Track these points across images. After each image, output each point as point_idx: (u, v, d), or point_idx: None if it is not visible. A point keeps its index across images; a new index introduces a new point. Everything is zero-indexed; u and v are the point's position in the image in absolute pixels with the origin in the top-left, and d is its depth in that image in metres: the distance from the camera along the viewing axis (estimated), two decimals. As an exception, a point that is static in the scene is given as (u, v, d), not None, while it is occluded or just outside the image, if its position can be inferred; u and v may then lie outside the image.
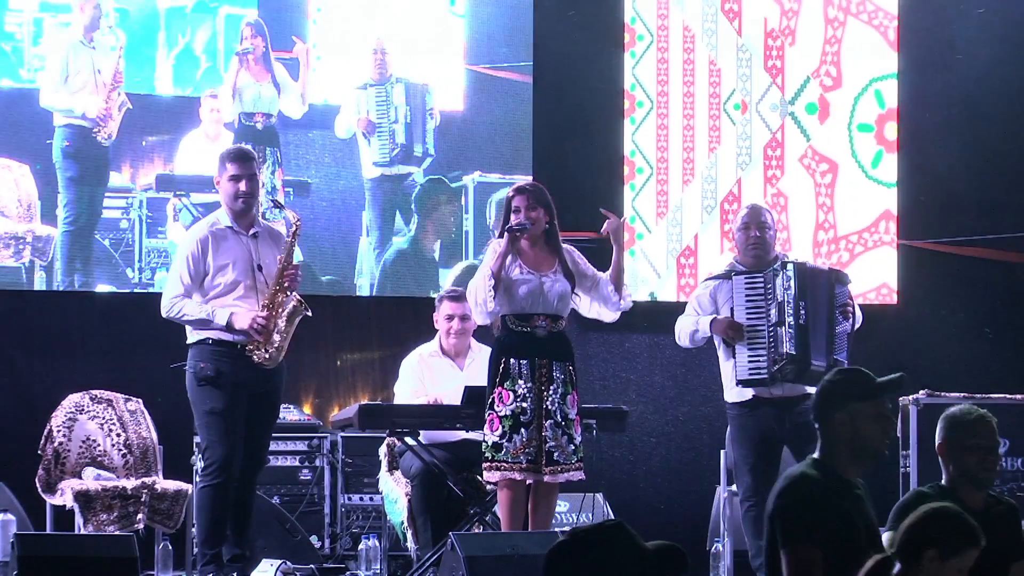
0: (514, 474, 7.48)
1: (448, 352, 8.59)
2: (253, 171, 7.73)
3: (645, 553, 3.76)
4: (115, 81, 9.56)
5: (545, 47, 10.22)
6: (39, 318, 9.47)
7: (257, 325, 7.52)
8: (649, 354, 10.35)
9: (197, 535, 7.61)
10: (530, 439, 7.48)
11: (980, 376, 9.84)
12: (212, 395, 7.55)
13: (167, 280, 7.85)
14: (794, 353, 7.85)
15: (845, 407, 5.03)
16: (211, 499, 7.55)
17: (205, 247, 7.62)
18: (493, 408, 7.52)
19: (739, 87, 10.49)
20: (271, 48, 9.85)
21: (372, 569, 8.29)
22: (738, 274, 8.05)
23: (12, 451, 8.82)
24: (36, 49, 9.53)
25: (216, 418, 7.54)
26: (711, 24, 10.47)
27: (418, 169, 10.09)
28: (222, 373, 7.54)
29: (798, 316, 7.87)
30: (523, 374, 7.51)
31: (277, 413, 7.91)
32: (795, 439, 7.90)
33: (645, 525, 9.31)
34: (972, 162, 10.68)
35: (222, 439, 7.53)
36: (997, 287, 10.61)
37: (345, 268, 9.98)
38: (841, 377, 5.18)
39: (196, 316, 7.57)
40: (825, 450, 5.06)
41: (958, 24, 10.68)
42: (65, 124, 9.51)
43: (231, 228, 7.68)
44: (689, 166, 10.44)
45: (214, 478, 7.54)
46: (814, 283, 7.99)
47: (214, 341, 7.58)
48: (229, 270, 7.62)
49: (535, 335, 7.57)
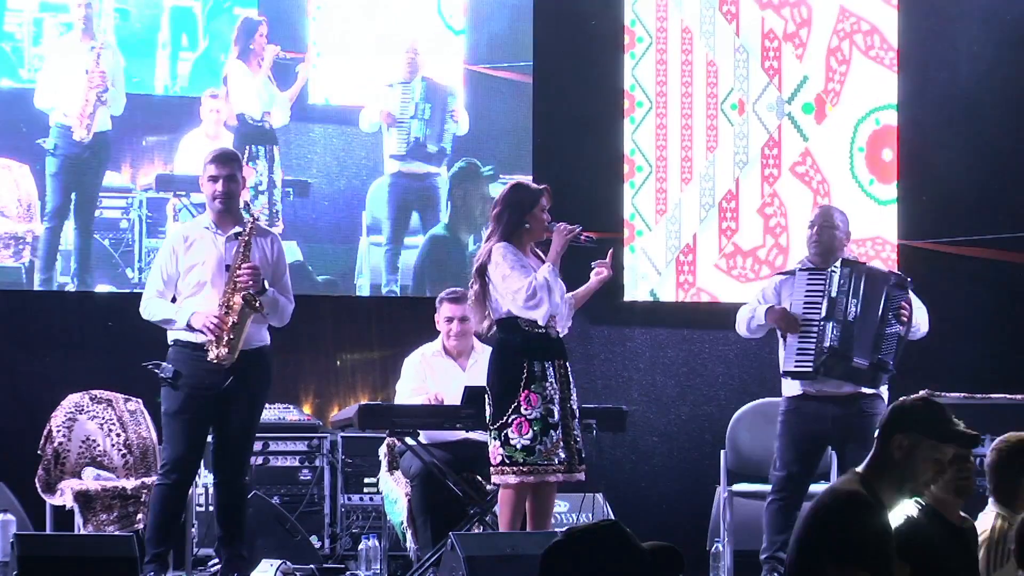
0: (549, 476, 7.49)
1: (451, 352, 8.59)
2: (232, 172, 7.71)
3: (641, 553, 3.76)
4: (100, 80, 9.55)
5: (545, 47, 10.22)
6: (39, 318, 9.47)
7: (210, 324, 7.53)
8: (651, 353, 10.34)
9: (147, 531, 7.64)
10: (559, 440, 7.50)
11: (980, 376, 9.83)
12: (169, 396, 7.62)
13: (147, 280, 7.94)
14: (836, 347, 7.97)
15: (910, 432, 4.87)
16: (161, 497, 7.60)
17: (178, 248, 7.68)
18: (520, 412, 7.47)
19: (736, 87, 10.49)
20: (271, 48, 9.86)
21: (372, 569, 8.29)
22: (803, 270, 8.21)
23: (12, 451, 8.82)
24: (36, 49, 9.54)
25: (171, 419, 7.61)
26: (709, 26, 10.48)
27: (439, 168, 10.10)
28: (180, 375, 7.58)
29: (846, 312, 8.02)
30: (549, 376, 7.51)
31: (254, 412, 7.81)
32: (840, 440, 8.01)
33: (645, 525, 9.30)
34: (972, 162, 10.68)
35: (175, 440, 7.58)
36: (997, 287, 10.60)
37: (345, 268, 9.98)
38: (922, 405, 5.01)
39: (161, 316, 7.67)
40: (872, 465, 4.90)
41: (958, 24, 10.67)
42: (55, 124, 9.52)
43: (208, 228, 7.69)
44: (687, 165, 10.44)
45: (164, 477, 7.61)
46: (870, 283, 8.10)
47: (179, 342, 7.64)
48: (197, 270, 7.64)
49: (550, 336, 7.58)
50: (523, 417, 7.47)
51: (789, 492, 8.02)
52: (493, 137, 10.22)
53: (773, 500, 8.06)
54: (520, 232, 7.58)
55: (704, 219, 10.45)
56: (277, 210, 9.85)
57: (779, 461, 8.09)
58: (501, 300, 7.53)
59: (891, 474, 4.85)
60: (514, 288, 7.47)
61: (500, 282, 7.52)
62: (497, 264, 7.51)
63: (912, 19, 10.67)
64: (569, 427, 7.54)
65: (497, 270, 7.51)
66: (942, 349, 10.32)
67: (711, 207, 10.45)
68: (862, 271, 8.17)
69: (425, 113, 10.08)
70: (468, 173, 10.16)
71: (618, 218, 10.29)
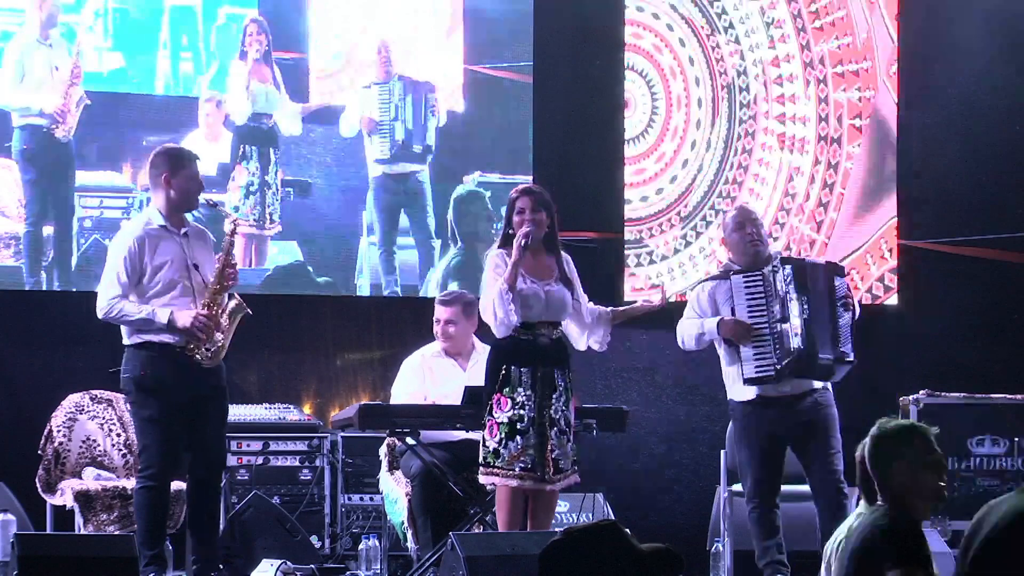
0: (510, 481, 7.48)
1: (450, 353, 8.60)
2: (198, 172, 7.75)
3: (639, 554, 3.76)
4: (73, 77, 9.53)
5: (545, 47, 10.22)
6: (39, 318, 9.47)
7: (199, 323, 7.49)
8: (650, 353, 10.34)
9: (137, 535, 7.56)
10: (525, 447, 7.47)
11: (980, 376, 9.84)
12: (150, 402, 7.51)
13: (102, 280, 7.71)
14: (803, 348, 7.83)
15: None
16: (148, 500, 7.52)
17: (142, 246, 7.56)
18: (492, 414, 7.51)
19: (736, 87, 10.49)
20: (272, 48, 9.85)
21: (372, 569, 8.29)
22: (735, 273, 8.01)
23: (12, 451, 8.82)
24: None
25: (154, 425, 7.50)
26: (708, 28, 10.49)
27: (422, 167, 10.09)
28: (161, 380, 7.50)
29: (802, 311, 7.86)
30: (524, 382, 7.49)
31: (226, 413, 7.80)
32: (803, 438, 7.91)
33: (645, 525, 9.36)
34: (972, 162, 10.68)
35: (159, 445, 7.50)
36: (997, 287, 10.60)
37: (345, 268, 9.98)
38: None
39: (136, 316, 7.50)
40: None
41: (958, 24, 10.67)
42: (23, 125, 9.45)
43: (164, 227, 7.63)
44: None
45: (150, 480, 7.52)
46: (814, 277, 7.97)
47: (153, 344, 7.52)
48: (166, 269, 7.57)
49: (537, 343, 7.56)
50: (494, 419, 7.50)
51: (762, 498, 7.95)
52: (493, 137, 10.22)
53: (752, 509, 7.97)
54: (512, 237, 7.60)
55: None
56: (271, 212, 9.84)
57: (747, 467, 7.97)
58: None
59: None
60: (483, 302, 7.61)
61: (482, 291, 7.67)
62: (485, 272, 7.66)
63: (912, 19, 10.67)
64: (545, 435, 7.49)
65: (483, 279, 7.67)
66: (942, 349, 10.34)
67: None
68: (803, 267, 7.99)
69: (405, 112, 10.05)
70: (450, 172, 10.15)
71: (618, 218, 10.29)
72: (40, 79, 9.49)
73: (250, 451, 9.06)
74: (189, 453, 7.68)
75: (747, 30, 10.49)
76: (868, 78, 10.58)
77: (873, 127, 10.57)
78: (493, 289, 7.49)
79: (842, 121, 10.55)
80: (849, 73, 10.56)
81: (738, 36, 10.48)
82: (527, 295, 7.50)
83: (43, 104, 9.49)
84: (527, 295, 7.50)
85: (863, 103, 10.57)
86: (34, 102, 9.49)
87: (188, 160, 7.72)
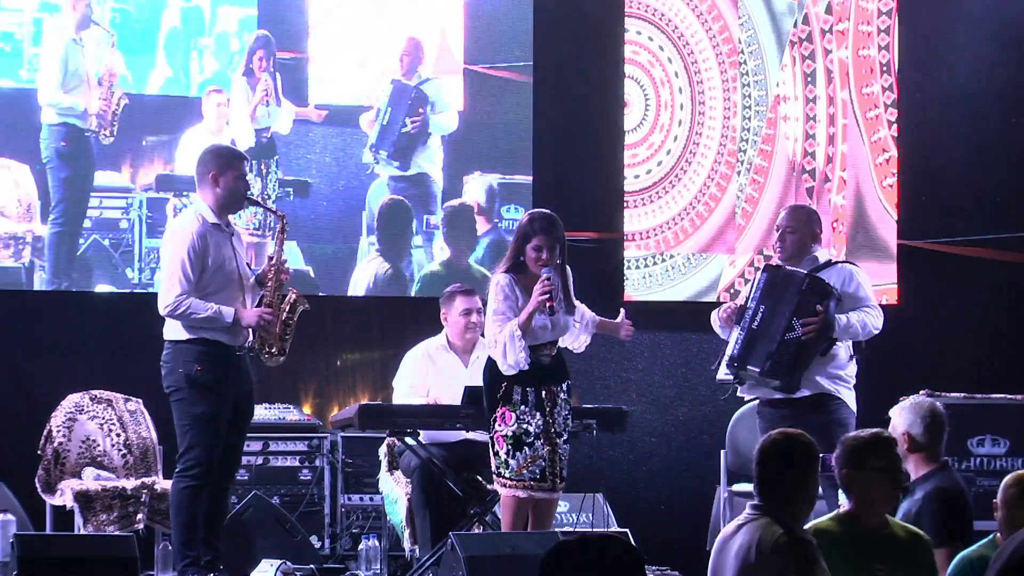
0: (519, 492, 7.49)
1: (456, 347, 8.60)
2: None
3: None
4: (110, 79, 9.54)
5: (545, 47, 10.22)
6: (39, 318, 9.46)
7: (264, 321, 7.53)
8: (650, 354, 10.34)
9: (177, 536, 7.54)
10: (534, 457, 7.48)
11: (980, 376, 9.84)
12: (206, 399, 7.49)
13: (164, 277, 7.71)
14: (735, 354, 7.81)
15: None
16: (192, 499, 7.50)
17: (204, 244, 7.55)
18: (496, 428, 7.50)
19: (736, 87, 10.49)
20: (274, 50, 9.84)
21: (372, 569, 8.29)
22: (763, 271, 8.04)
23: (12, 451, 8.82)
24: (36, 49, 9.52)
25: (206, 423, 7.49)
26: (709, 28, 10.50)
27: (422, 167, 10.08)
28: (219, 378, 7.51)
29: (753, 319, 7.80)
30: (528, 400, 7.51)
31: (252, 415, 7.86)
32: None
33: (645, 525, 9.36)
34: (972, 162, 10.68)
35: (209, 443, 7.49)
36: (997, 287, 10.60)
37: (345, 268, 9.97)
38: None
39: (204, 314, 7.48)
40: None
41: (958, 24, 10.67)
42: (60, 124, 9.47)
43: (217, 226, 7.64)
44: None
45: (196, 480, 7.49)
46: (784, 287, 7.83)
47: (208, 341, 7.53)
48: (222, 267, 7.59)
49: (540, 363, 7.55)
50: (499, 433, 7.50)
51: None
52: (493, 137, 10.22)
53: None
54: (522, 264, 7.59)
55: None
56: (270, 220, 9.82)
57: None
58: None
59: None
60: (490, 333, 7.54)
61: (488, 316, 7.62)
62: (492, 297, 7.59)
63: (912, 19, 10.67)
64: (555, 445, 7.50)
65: (489, 305, 7.61)
66: (942, 349, 10.34)
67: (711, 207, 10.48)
68: (779, 276, 7.85)
69: (405, 112, 10.04)
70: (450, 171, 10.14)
71: (618, 218, 10.29)
72: (80, 80, 9.48)
73: (250, 451, 9.04)
74: None
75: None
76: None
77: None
78: (504, 330, 7.45)
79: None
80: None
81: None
82: (536, 329, 7.50)
83: (88, 106, 9.48)
84: (536, 329, 7.50)
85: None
86: (78, 103, 9.48)
87: (237, 159, 7.76)
